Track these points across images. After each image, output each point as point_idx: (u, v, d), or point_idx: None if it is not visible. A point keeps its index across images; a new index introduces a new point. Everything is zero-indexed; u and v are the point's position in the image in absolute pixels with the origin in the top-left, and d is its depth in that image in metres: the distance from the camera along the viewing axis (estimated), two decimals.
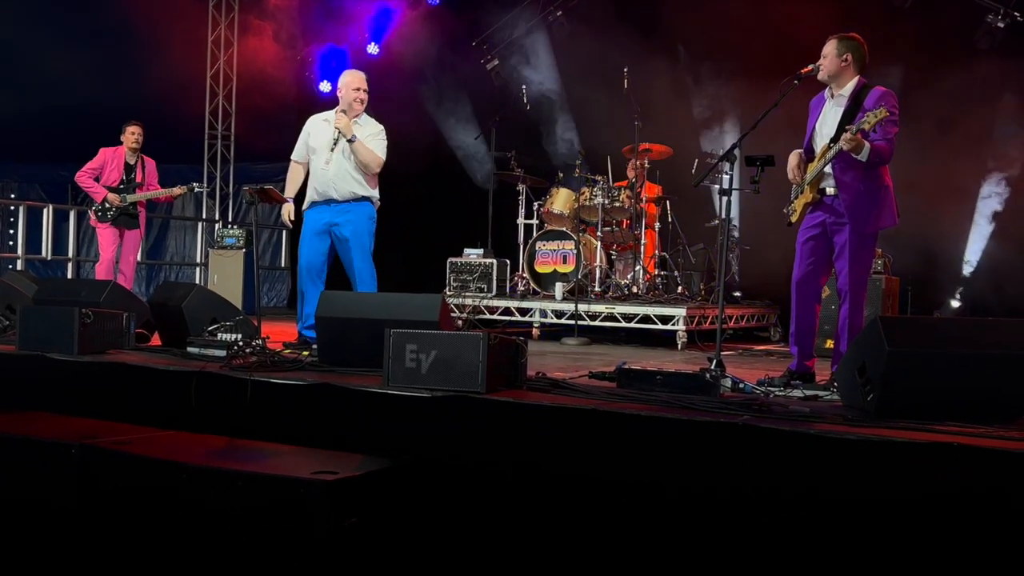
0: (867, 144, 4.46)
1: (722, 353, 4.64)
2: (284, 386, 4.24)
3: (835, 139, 4.60)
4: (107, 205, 8.01)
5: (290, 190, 6.15)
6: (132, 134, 8.12)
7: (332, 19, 12.20)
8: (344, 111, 5.92)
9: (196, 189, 8.69)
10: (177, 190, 8.38)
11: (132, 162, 8.16)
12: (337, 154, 5.89)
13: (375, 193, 6.03)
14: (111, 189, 8.03)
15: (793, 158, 4.92)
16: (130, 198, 8.05)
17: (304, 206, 6.08)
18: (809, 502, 3.14)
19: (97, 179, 8.06)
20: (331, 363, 4.67)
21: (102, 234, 8.11)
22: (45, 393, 4.90)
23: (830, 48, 4.74)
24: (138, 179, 8.16)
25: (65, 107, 11.57)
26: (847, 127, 4.46)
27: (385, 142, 6.02)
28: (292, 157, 6.19)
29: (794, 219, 4.90)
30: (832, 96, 4.80)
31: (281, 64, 12.06)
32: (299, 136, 6.17)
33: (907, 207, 4.98)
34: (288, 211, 6.02)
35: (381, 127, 6.04)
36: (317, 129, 6.06)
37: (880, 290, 6.92)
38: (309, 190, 6.03)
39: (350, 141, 5.83)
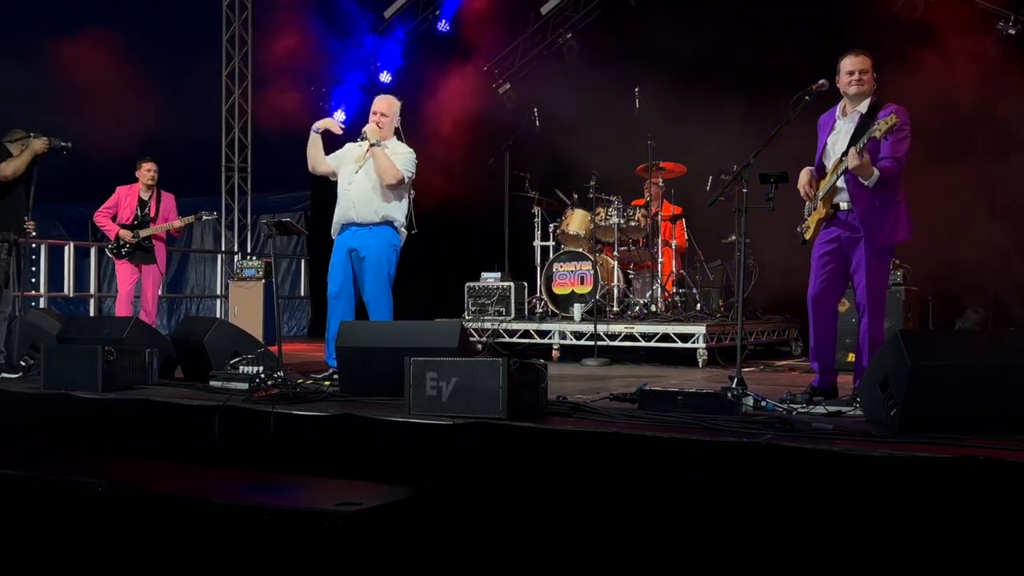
0: (876, 171, 4.45)
1: (743, 370, 4.60)
2: (306, 418, 4.25)
3: (847, 153, 4.59)
4: (120, 242, 8.11)
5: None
6: (148, 171, 8.23)
7: (345, 49, 12.32)
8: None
9: (204, 218, 8.75)
10: (179, 222, 8.39)
11: (146, 198, 8.26)
12: (360, 175, 5.95)
13: (398, 216, 5.99)
14: (124, 226, 8.13)
15: (804, 175, 4.90)
16: (142, 233, 8.15)
17: (332, 231, 6.13)
18: (835, 519, 3.12)
19: (114, 217, 8.18)
20: (352, 393, 4.68)
21: (119, 269, 8.25)
22: (71, 431, 4.94)
23: (866, 64, 4.68)
24: (151, 214, 8.24)
25: (81, 145, 11.68)
26: (860, 141, 4.45)
27: (411, 164, 6.00)
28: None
29: (808, 236, 4.87)
30: (845, 114, 4.78)
31: (295, 94, 12.17)
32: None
33: (925, 218, 4.95)
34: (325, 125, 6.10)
35: (411, 151, 6.06)
36: (348, 151, 6.13)
37: (900, 302, 6.89)
38: (335, 216, 6.08)
39: (374, 145, 5.87)
